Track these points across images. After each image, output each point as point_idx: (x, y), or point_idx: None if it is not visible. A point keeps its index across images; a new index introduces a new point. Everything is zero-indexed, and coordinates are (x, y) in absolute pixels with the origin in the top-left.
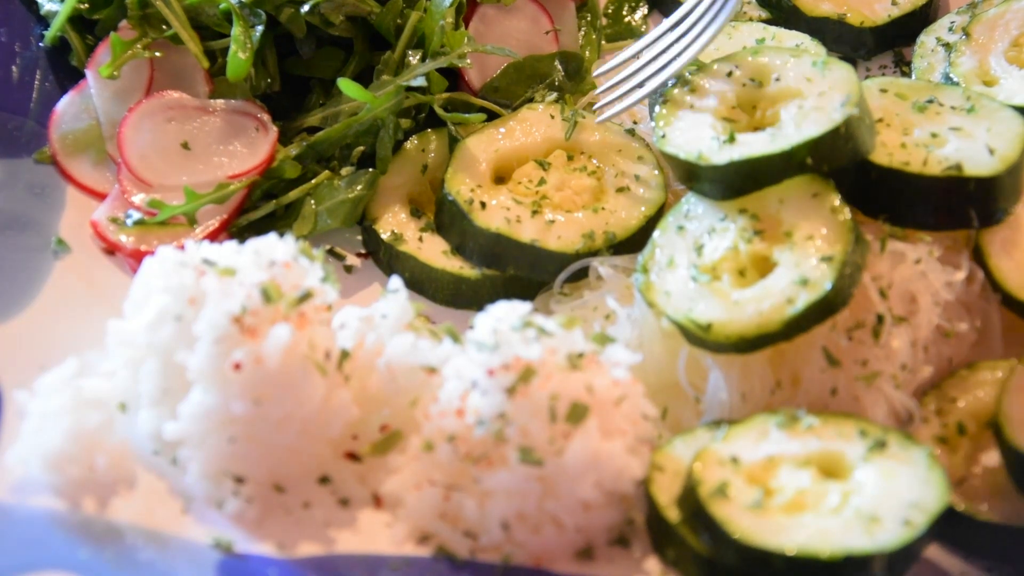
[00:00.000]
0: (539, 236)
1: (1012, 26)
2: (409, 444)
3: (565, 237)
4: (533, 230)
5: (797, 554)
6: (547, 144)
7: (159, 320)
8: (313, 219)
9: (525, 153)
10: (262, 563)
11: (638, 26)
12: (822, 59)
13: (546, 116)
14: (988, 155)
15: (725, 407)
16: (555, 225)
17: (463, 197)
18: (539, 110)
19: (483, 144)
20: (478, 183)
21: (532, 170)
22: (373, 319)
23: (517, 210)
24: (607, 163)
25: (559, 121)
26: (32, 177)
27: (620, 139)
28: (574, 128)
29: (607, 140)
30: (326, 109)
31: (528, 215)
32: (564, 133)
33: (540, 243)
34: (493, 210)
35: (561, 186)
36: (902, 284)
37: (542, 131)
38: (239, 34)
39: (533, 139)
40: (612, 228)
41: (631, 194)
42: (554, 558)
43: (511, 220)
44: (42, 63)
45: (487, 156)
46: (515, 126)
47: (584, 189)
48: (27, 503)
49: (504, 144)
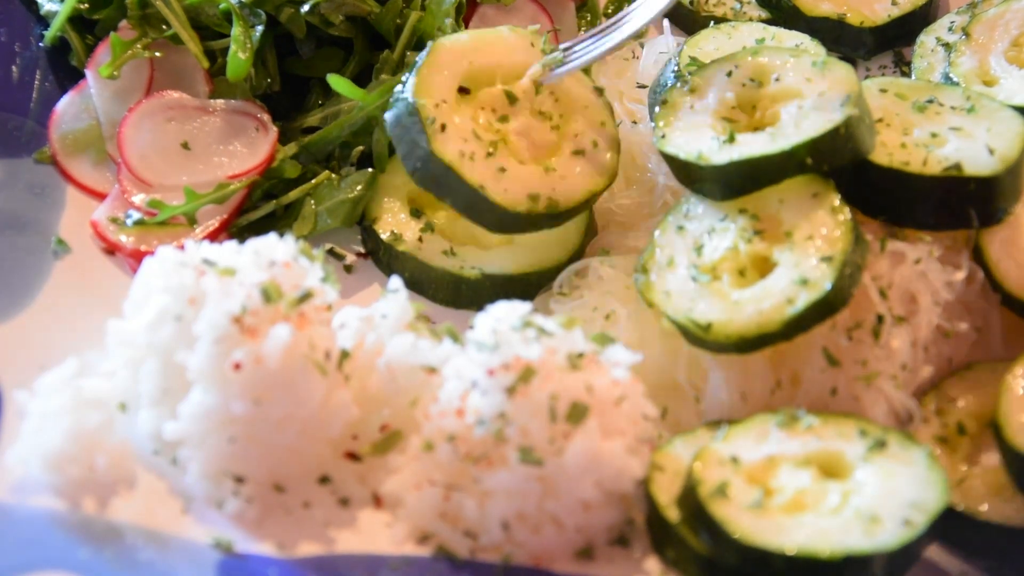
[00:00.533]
0: (487, 183)
1: (1012, 26)
2: (409, 444)
3: (511, 192)
4: (482, 173)
5: (797, 554)
6: (521, 71)
7: (159, 320)
8: (313, 219)
9: (496, 73)
10: (262, 563)
11: None
12: (822, 59)
13: (526, 42)
14: (988, 155)
15: (725, 407)
16: (505, 175)
17: (427, 113)
18: (518, 33)
19: (458, 51)
20: (443, 97)
21: (498, 98)
22: (373, 319)
23: (474, 145)
24: (570, 118)
25: (537, 51)
26: (32, 177)
27: (589, 95)
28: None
29: (576, 91)
30: (325, 109)
31: (483, 154)
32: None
33: (486, 190)
34: (451, 135)
35: (522, 132)
36: (902, 284)
37: (519, 55)
38: (239, 34)
39: (509, 60)
40: (557, 196)
41: (583, 162)
42: (554, 558)
43: (465, 154)
44: (42, 63)
45: (459, 67)
46: (493, 40)
47: (543, 143)
48: (27, 503)
49: (479, 58)
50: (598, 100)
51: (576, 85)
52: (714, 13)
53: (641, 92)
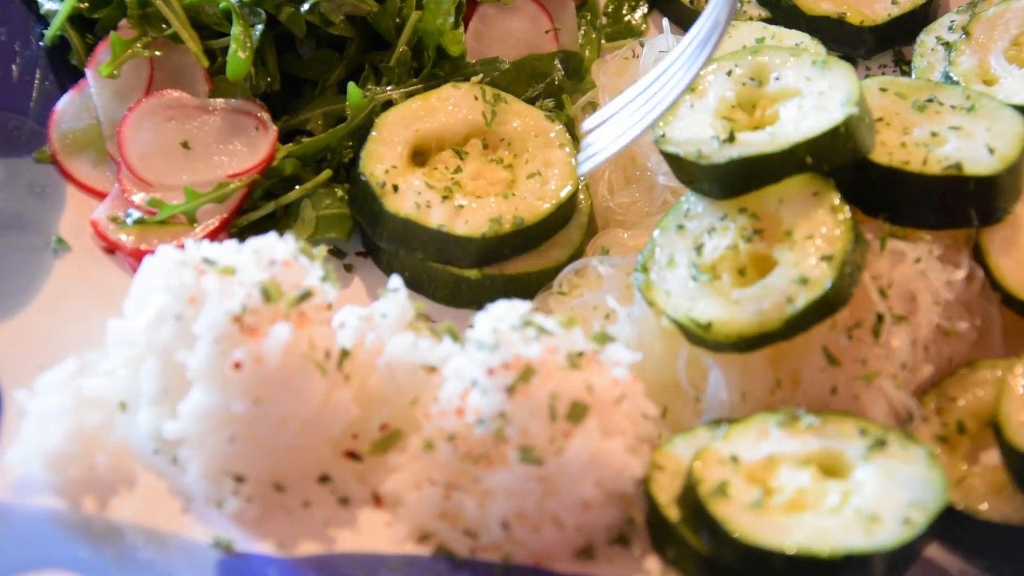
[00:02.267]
0: (446, 222)
1: (1012, 25)
2: (409, 443)
3: (472, 222)
4: (441, 215)
5: (797, 553)
6: (466, 127)
7: (159, 319)
8: (313, 223)
9: (443, 135)
10: (262, 562)
11: (638, 25)
12: (822, 58)
13: (469, 97)
14: (988, 154)
15: (725, 406)
16: (464, 211)
17: (376, 179)
18: (462, 89)
19: (403, 122)
20: (393, 163)
21: (449, 158)
22: (373, 318)
23: (428, 195)
24: (523, 150)
25: (481, 103)
26: (32, 176)
27: (541, 124)
28: (494, 117)
29: (526, 125)
30: (325, 107)
31: (439, 200)
32: (484, 118)
33: (447, 228)
34: (404, 194)
35: (476, 176)
36: (902, 283)
37: (463, 112)
38: (239, 33)
39: (453, 119)
40: (521, 213)
41: (542, 179)
42: (554, 557)
43: (420, 205)
44: (42, 62)
45: (406, 135)
46: (437, 104)
47: (498, 180)
48: (27, 502)
49: (424, 124)
50: (552, 127)
51: (526, 118)
52: None
53: None
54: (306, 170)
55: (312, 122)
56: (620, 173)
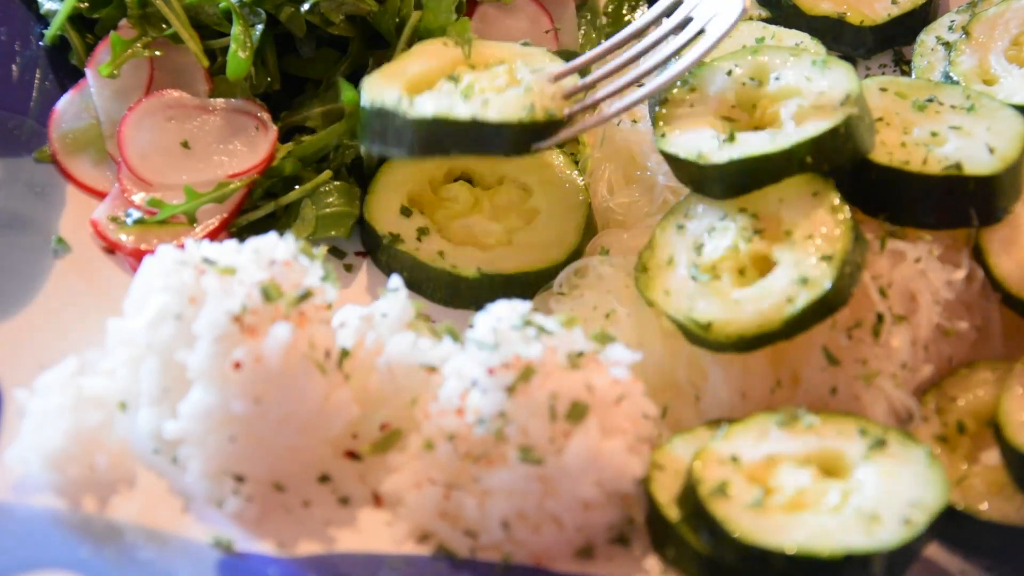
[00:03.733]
0: (478, 111)
1: (1012, 25)
2: (409, 443)
3: (505, 110)
4: (470, 108)
5: (797, 553)
6: (452, 62)
7: (159, 319)
8: (313, 222)
9: (432, 73)
10: (262, 562)
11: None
12: (822, 58)
13: (438, 45)
14: (988, 154)
15: (725, 406)
16: (491, 103)
17: (390, 101)
18: (429, 42)
19: (389, 70)
20: (398, 93)
21: (445, 82)
22: (373, 318)
23: (447, 99)
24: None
25: (453, 47)
26: (32, 176)
27: (522, 49)
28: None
29: (509, 50)
30: (325, 106)
31: (460, 100)
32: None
33: (481, 117)
34: (422, 102)
35: (480, 79)
36: (902, 283)
37: (443, 56)
38: (239, 33)
39: (438, 62)
40: (548, 105)
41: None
42: (554, 557)
43: (444, 106)
44: (42, 62)
45: (399, 80)
46: (415, 55)
47: (503, 79)
48: (27, 502)
49: (410, 68)
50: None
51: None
52: None
53: None
54: (306, 170)
55: (312, 120)
56: (620, 173)
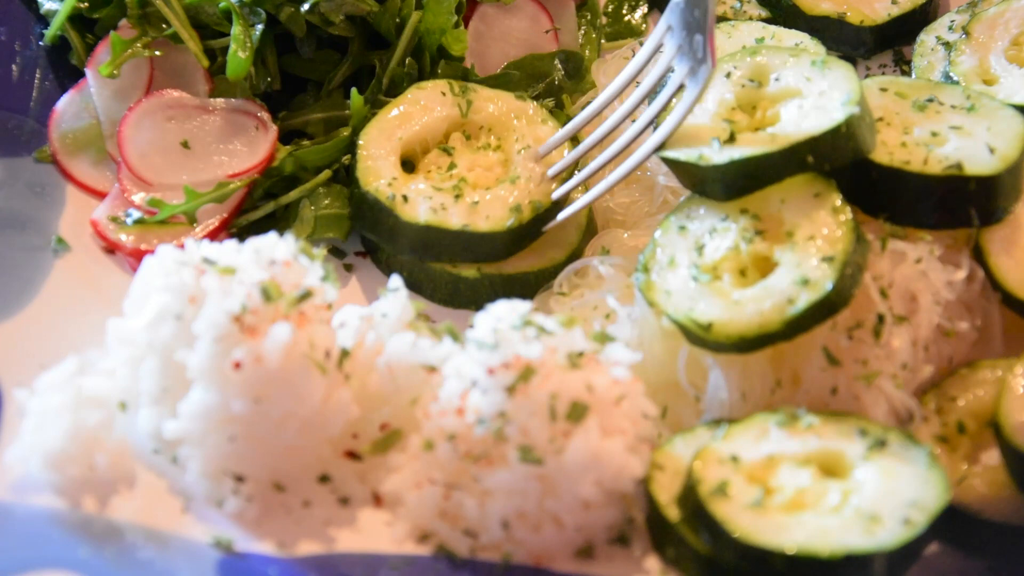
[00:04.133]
0: (468, 220)
1: (1012, 25)
2: (409, 443)
3: (494, 216)
4: (461, 215)
5: (797, 553)
6: (446, 123)
7: (159, 319)
8: (312, 223)
9: (426, 136)
10: (262, 562)
11: (638, 25)
12: (822, 58)
13: (437, 94)
14: (988, 154)
15: (725, 406)
16: (480, 206)
17: (384, 194)
18: (427, 88)
19: (384, 134)
20: (392, 175)
21: (438, 157)
22: (373, 318)
23: (439, 198)
24: (506, 130)
25: (451, 97)
26: (32, 176)
27: (514, 104)
28: (469, 107)
29: (501, 108)
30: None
31: (452, 201)
32: (460, 109)
33: (471, 227)
34: (416, 202)
35: (471, 167)
36: (903, 283)
37: (438, 110)
38: (239, 33)
39: (432, 118)
40: (536, 198)
41: (538, 160)
42: (554, 557)
43: (437, 209)
44: (42, 62)
45: (392, 145)
46: (410, 109)
47: (493, 163)
48: (27, 502)
49: (405, 130)
50: (527, 104)
51: (499, 100)
52: None
53: None
54: (306, 170)
55: (312, 125)
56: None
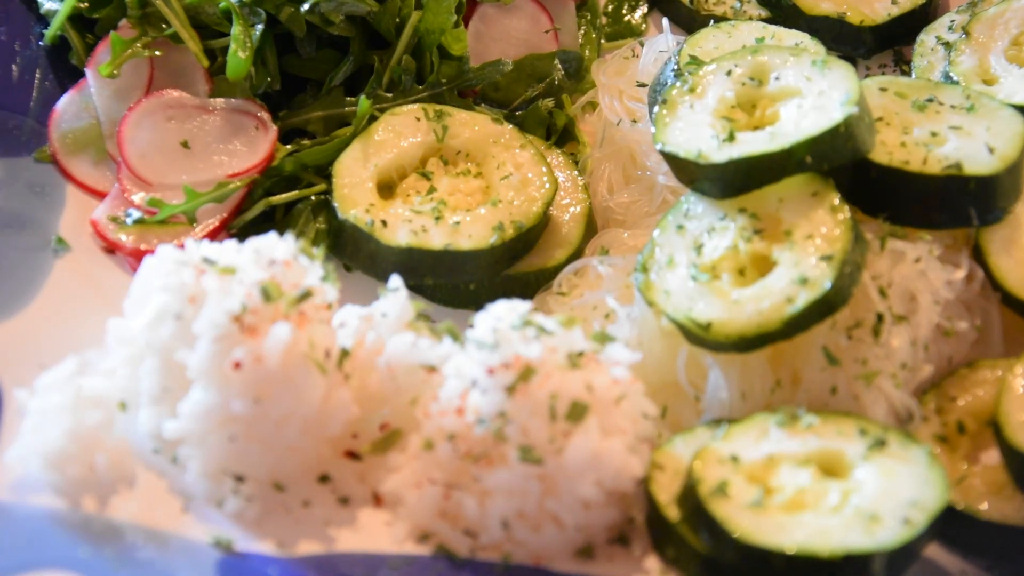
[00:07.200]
0: (451, 240)
1: (1012, 25)
2: (409, 443)
3: (476, 235)
4: (442, 236)
5: (797, 553)
6: (422, 149)
7: (159, 319)
8: (312, 231)
9: (402, 163)
10: (262, 562)
11: (638, 25)
12: (822, 58)
13: (411, 120)
14: (988, 154)
15: (725, 406)
16: (462, 226)
17: (363, 220)
18: (402, 115)
19: (358, 162)
20: (370, 202)
21: (417, 182)
22: (373, 318)
23: (420, 220)
24: (486, 156)
25: (426, 123)
26: (32, 176)
27: (491, 128)
28: (445, 132)
29: (482, 132)
30: (327, 111)
31: (432, 223)
32: (435, 135)
33: (453, 246)
34: (396, 226)
35: (451, 191)
36: (902, 283)
37: (413, 136)
38: (239, 33)
39: (408, 144)
40: (517, 218)
41: (521, 181)
42: (554, 557)
43: (417, 232)
44: (42, 62)
45: (367, 173)
46: (384, 136)
47: (474, 189)
48: (27, 502)
49: (379, 158)
50: (504, 128)
51: (477, 124)
52: (714, 12)
53: (641, 91)
54: (306, 171)
55: (312, 124)
56: (620, 173)
